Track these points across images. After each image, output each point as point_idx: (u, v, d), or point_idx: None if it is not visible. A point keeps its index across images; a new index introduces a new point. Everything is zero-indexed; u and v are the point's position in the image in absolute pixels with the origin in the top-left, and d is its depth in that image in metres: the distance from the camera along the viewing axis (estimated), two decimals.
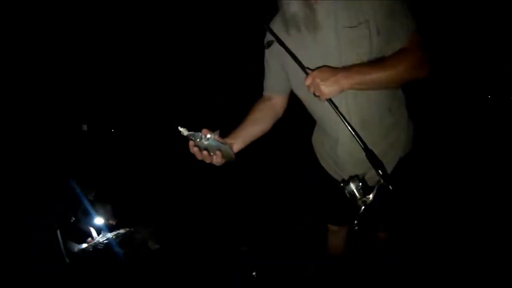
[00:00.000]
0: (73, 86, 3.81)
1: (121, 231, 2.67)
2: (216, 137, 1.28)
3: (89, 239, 2.66)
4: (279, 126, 1.61)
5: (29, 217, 2.55)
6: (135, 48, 4.29)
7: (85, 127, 3.36)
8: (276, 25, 1.39)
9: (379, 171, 1.18)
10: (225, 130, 1.36)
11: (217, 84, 4.86)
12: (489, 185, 2.89)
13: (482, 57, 4.29)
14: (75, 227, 2.63)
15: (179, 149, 1.39)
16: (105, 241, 2.61)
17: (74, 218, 2.65)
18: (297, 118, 1.75)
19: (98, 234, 2.70)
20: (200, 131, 1.25)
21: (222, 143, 1.29)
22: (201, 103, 5.07)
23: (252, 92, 1.69)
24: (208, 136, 1.25)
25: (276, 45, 1.34)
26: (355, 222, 1.25)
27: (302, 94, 1.47)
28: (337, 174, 1.59)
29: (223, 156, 1.29)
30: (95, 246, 2.59)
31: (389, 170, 1.42)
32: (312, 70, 1.23)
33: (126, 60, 4.28)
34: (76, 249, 2.57)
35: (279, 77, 1.54)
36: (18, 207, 2.61)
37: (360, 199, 1.21)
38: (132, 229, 2.67)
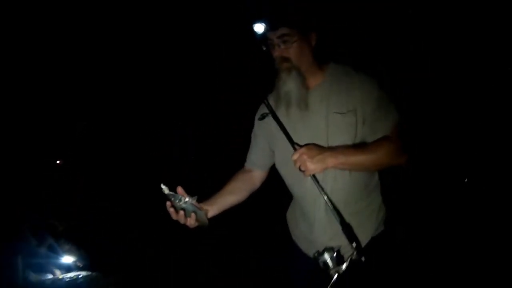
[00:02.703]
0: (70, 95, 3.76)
1: (84, 273, 2.60)
2: (194, 201, 1.34)
3: (50, 273, 2.60)
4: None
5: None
6: (135, 48, 4.29)
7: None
8: (270, 101, 1.47)
9: (353, 243, 1.25)
10: (225, 130, 1.38)
11: (217, 84, 4.86)
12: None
13: (482, 57, 4.29)
14: (37, 257, 2.59)
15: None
16: (66, 279, 2.54)
17: (39, 247, 2.60)
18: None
19: (61, 271, 2.65)
20: (177, 192, 1.31)
21: (198, 208, 1.36)
22: (201, 103, 5.08)
23: (252, 92, 1.70)
24: (186, 199, 1.32)
25: (268, 119, 1.43)
26: None
27: (286, 172, 1.54)
28: (309, 250, 1.59)
29: (197, 220, 1.35)
30: (54, 282, 2.51)
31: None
32: (300, 146, 1.31)
33: (126, 60, 4.28)
34: (34, 279, 2.50)
35: (263, 153, 1.62)
36: None
37: (333, 268, 1.25)
38: (94, 274, 2.60)
